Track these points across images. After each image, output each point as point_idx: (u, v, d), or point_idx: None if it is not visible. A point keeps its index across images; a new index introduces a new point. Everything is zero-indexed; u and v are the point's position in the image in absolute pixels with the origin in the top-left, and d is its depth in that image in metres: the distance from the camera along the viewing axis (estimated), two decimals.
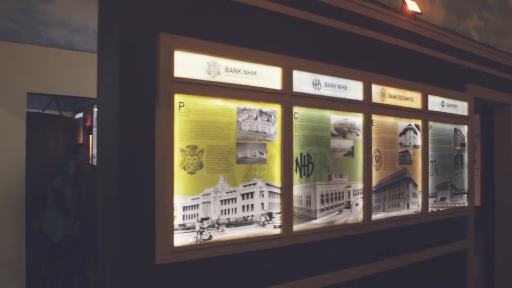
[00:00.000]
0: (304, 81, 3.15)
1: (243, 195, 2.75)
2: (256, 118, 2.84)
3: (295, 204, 3.05)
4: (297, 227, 3.07)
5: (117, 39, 2.32)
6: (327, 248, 3.33)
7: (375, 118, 3.69)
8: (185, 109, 2.51)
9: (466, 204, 4.81)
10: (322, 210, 3.25)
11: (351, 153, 3.47)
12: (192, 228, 2.52)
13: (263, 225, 2.86)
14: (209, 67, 2.62)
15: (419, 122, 4.17)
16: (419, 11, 4.27)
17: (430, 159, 4.30)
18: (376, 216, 3.69)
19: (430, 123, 4.30)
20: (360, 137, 3.54)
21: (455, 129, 4.66)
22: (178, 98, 2.48)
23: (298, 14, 3.18)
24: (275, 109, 2.95)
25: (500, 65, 5.65)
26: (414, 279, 4.20)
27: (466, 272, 4.91)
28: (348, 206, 3.44)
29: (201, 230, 2.56)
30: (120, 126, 2.30)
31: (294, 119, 3.06)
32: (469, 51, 5.03)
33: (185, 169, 2.49)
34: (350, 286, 3.52)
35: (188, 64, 2.53)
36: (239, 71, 2.77)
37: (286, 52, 3.07)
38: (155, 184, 2.38)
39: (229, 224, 2.68)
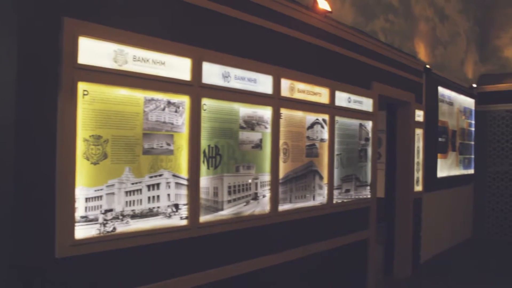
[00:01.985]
0: (214, 73, 3.24)
1: (148, 186, 2.79)
2: (163, 109, 2.88)
3: (202, 195, 3.14)
4: (204, 218, 3.16)
5: (15, 22, 2.24)
6: (234, 239, 3.46)
7: (284, 111, 3.88)
8: (90, 98, 2.50)
9: (369, 196, 5.21)
10: (229, 201, 3.37)
11: (259, 145, 3.62)
12: (95, 220, 2.51)
13: (169, 216, 2.92)
14: (116, 55, 2.62)
15: (326, 117, 4.44)
16: (329, 9, 4.51)
17: (336, 152, 4.59)
18: (283, 207, 3.89)
19: (337, 118, 4.60)
20: (269, 130, 3.71)
21: (360, 124, 5.02)
22: (82, 86, 2.46)
23: (210, 5, 3.25)
24: (184, 100, 3.02)
25: (403, 65, 6.13)
26: (319, 268, 4.49)
27: (368, 260, 5.30)
28: (255, 197, 3.60)
29: (105, 222, 2.57)
30: (18, 113, 2.24)
31: (202, 111, 3.14)
32: (375, 50, 5.42)
33: (88, 160, 2.48)
34: (259, 275, 3.68)
35: (93, 51, 2.51)
36: (148, 60, 2.79)
37: (197, 43, 3.14)
38: (55, 174, 2.35)
39: (134, 216, 2.71)
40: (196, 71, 3.09)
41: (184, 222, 3.01)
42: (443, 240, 7.95)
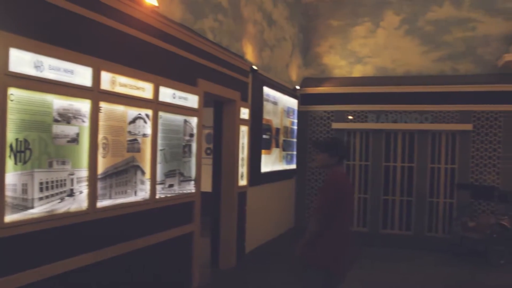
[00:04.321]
0: (24, 61, 3.06)
1: None
2: None
3: (8, 193, 2.95)
4: (10, 218, 2.98)
5: None
6: (47, 239, 3.32)
7: (104, 105, 3.83)
8: None
9: (193, 190, 5.40)
10: (41, 198, 3.22)
11: (76, 140, 3.53)
12: None
13: None
14: None
15: (149, 112, 4.50)
16: (156, 4, 4.57)
17: (159, 147, 4.67)
18: (102, 203, 3.84)
19: (161, 113, 4.68)
20: (87, 124, 3.63)
21: (185, 120, 5.18)
22: None
23: None
24: None
25: (230, 65, 6.48)
26: (143, 264, 4.53)
27: (193, 253, 5.50)
28: (71, 194, 3.50)
29: None
30: None
31: (9, 102, 2.95)
32: (202, 49, 5.63)
33: None
34: (77, 274, 3.57)
35: None
36: None
37: (4, 27, 2.92)
38: None
39: None
40: (2, 57, 2.88)
41: None
42: (268, 231, 8.61)
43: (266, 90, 8.03)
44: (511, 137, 9.17)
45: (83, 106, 3.60)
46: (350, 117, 10.15)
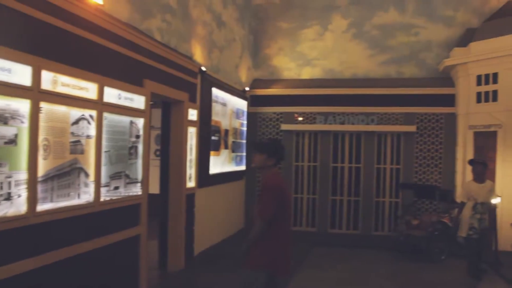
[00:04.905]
0: None
1: None
2: None
3: None
4: None
5: None
6: None
7: (45, 105, 3.72)
8: None
9: (140, 193, 5.33)
10: None
11: (13, 141, 3.40)
12: None
13: None
14: None
15: (93, 113, 4.40)
16: (101, 2, 4.49)
17: (104, 149, 4.58)
18: (42, 207, 3.73)
19: (106, 114, 4.59)
20: (26, 125, 3.51)
21: (131, 121, 5.11)
22: None
23: None
24: None
25: (179, 65, 6.44)
26: (90, 268, 4.43)
27: (139, 256, 5.42)
28: (9, 197, 3.37)
29: None
30: None
31: None
32: (150, 49, 5.57)
33: None
34: (15, 282, 3.44)
35: None
36: None
37: None
38: None
39: None
40: None
41: None
42: (218, 232, 8.60)
43: (215, 91, 8.03)
44: (452, 138, 9.61)
45: (22, 106, 3.48)
46: (300, 118, 10.32)
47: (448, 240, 7.92)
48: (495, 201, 7.18)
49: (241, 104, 9.79)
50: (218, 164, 8.25)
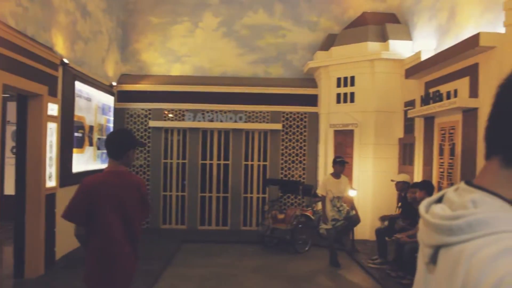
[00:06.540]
0: None
1: None
2: None
3: None
4: None
5: None
6: None
7: None
8: None
9: None
10: None
11: None
12: None
13: None
14: None
15: None
16: None
17: None
18: None
19: None
20: None
21: None
22: None
23: None
24: None
25: (37, 56, 6.00)
26: None
27: None
28: None
29: None
30: None
31: None
32: (2, 36, 5.09)
33: None
34: None
35: None
36: None
37: None
38: None
39: None
40: None
41: None
42: None
43: (79, 85, 7.63)
44: (314, 136, 10.32)
45: None
46: (170, 115, 10.25)
47: (311, 232, 8.51)
48: (351, 194, 7.89)
49: (108, 100, 9.42)
50: (82, 162, 7.86)
